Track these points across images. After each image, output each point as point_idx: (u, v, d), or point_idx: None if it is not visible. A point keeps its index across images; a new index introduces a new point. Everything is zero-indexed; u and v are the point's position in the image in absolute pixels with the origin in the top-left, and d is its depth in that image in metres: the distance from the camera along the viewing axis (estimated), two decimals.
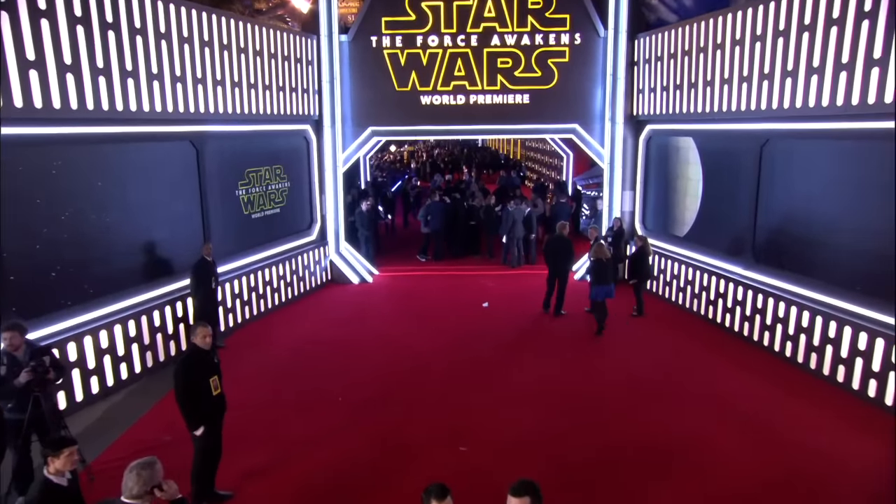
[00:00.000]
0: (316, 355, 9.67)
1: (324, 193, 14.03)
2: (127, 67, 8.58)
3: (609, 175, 14.16)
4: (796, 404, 7.94)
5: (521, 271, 15.09)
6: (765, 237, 10.08)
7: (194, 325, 5.95)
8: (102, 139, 8.31)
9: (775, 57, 9.48)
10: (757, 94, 9.97)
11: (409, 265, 15.69)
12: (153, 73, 9.05)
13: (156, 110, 9.17)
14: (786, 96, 9.33)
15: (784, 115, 9.38)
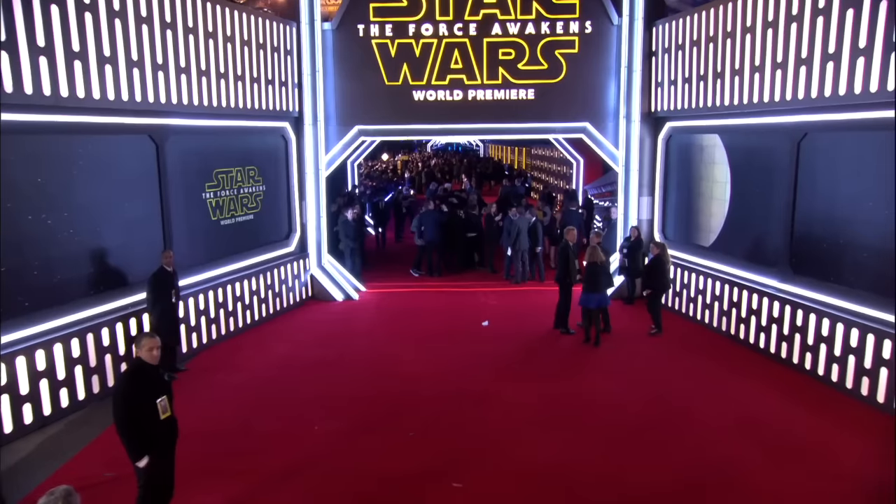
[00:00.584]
0: (291, 380, 9.45)
1: (304, 200, 13.85)
2: (74, 48, 8.25)
3: (624, 179, 14.00)
4: (849, 436, 7.64)
5: (526, 287, 14.98)
6: (804, 245, 9.84)
7: (139, 335, 5.56)
8: (44, 129, 8.01)
9: (814, 39, 9.21)
10: (793, 82, 9.68)
11: (400, 281, 15.63)
12: (105, 55, 8.74)
13: (108, 98, 8.85)
14: (827, 83, 9.03)
15: (825, 105, 9.13)
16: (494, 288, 14.93)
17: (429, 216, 15.93)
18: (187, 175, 10.71)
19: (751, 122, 10.82)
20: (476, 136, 14.73)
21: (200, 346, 10.90)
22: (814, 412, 8.36)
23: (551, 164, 31.23)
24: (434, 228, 15.81)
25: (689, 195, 12.82)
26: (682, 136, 13.02)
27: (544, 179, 31.82)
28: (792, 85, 9.74)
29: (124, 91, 9.22)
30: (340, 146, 14.06)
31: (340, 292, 14.13)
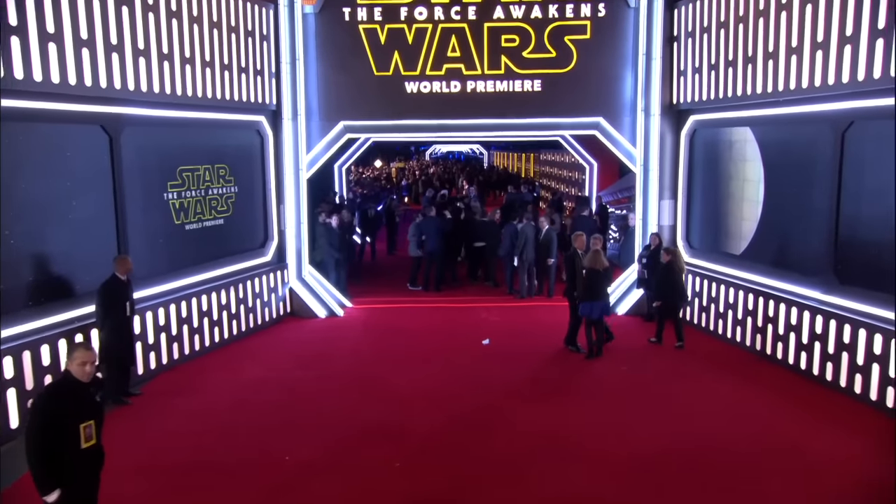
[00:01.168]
0: (262, 405, 9.22)
1: (283, 204, 13.69)
2: (11, 22, 7.95)
3: (642, 181, 13.85)
4: None
5: (533, 303, 14.96)
6: (850, 250, 9.58)
7: (72, 346, 5.18)
8: None
9: (860, 13, 8.91)
10: (836, 63, 9.40)
11: (390, 295, 15.60)
12: (48, 32, 8.43)
13: (52, 81, 8.53)
14: (876, 63, 8.69)
15: (873, 89, 8.81)
16: (496, 303, 14.87)
17: (430, 224, 15.84)
18: (147, 172, 10.43)
19: (787, 111, 10.63)
20: (475, 134, 14.37)
21: (159, 367, 10.58)
22: (863, 440, 7.96)
23: (562, 169, 31.36)
24: (436, 238, 15.74)
25: (717, 197, 12.68)
26: (708, 131, 12.87)
27: (554, 187, 31.91)
28: (835, 67, 9.46)
29: (71, 74, 8.88)
30: (324, 144, 13.88)
31: (323, 308, 13.99)
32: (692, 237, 13.55)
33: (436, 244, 15.76)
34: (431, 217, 16.02)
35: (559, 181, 31.78)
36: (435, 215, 16.17)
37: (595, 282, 10.68)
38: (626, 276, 14.08)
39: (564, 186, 30.28)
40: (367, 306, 14.66)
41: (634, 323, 13.15)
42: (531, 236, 14.89)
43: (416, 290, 15.98)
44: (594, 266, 10.70)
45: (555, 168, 33.03)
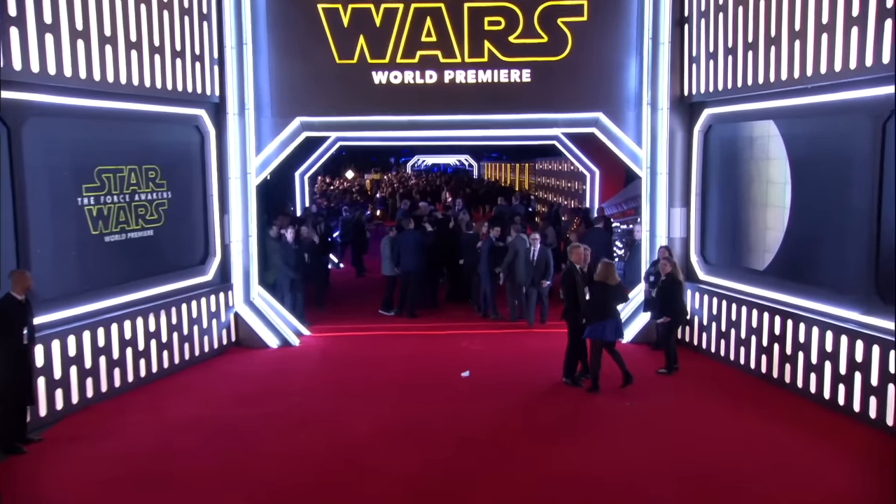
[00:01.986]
0: (191, 449, 9.05)
1: (227, 214, 13.55)
2: None
3: (649, 186, 13.80)
4: None
5: (523, 329, 14.91)
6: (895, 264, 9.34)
7: None
8: None
9: None
10: (874, 41, 9.20)
11: (357, 321, 15.59)
12: None
13: None
14: None
15: None
16: (480, 329, 14.82)
17: (407, 238, 15.83)
18: (56, 172, 10.11)
19: (817, 100, 10.49)
20: (454, 132, 14.73)
21: (68, 407, 10.16)
22: None
23: (559, 179, 31.66)
24: (415, 254, 15.77)
25: (736, 203, 12.65)
26: (725, 127, 12.83)
27: (552, 200, 32.07)
28: (873, 46, 9.25)
29: None
30: (277, 144, 13.78)
31: (275, 336, 13.85)
32: (708, 251, 13.44)
33: (414, 262, 15.72)
34: (409, 231, 16.02)
35: (557, 193, 32.01)
36: (413, 228, 16.19)
37: (606, 298, 10.71)
38: (631, 297, 13.95)
39: (563, 198, 30.45)
40: (328, 334, 14.58)
41: (641, 351, 13.05)
42: (522, 252, 14.82)
43: (388, 315, 16.00)
44: (605, 280, 10.73)
45: (552, 178, 33.41)
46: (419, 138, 22.64)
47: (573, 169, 26.89)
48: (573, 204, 26.97)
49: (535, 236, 14.84)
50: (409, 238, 15.87)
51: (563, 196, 30.52)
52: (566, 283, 11.26)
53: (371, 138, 21.27)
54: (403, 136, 16.31)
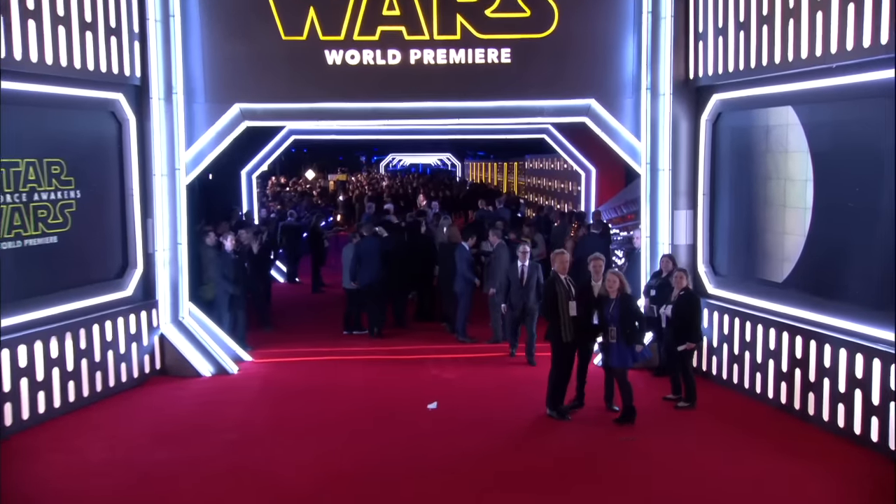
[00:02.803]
0: (92, 500, 8.97)
1: (151, 218, 13.52)
2: None
3: (649, 185, 13.83)
4: None
5: (504, 354, 14.92)
6: None
7: None
8: None
9: None
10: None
11: (309, 344, 15.62)
12: None
13: None
14: None
15: None
16: (453, 354, 14.87)
17: (369, 246, 16.01)
18: None
19: (844, 81, 10.52)
20: (422, 122, 15.24)
21: None
22: None
23: (552, 180, 32.52)
24: (376, 264, 15.91)
25: (750, 204, 12.75)
26: (736, 115, 12.93)
27: (543, 204, 32.38)
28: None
29: None
30: (212, 135, 13.77)
31: (209, 363, 13.77)
32: (718, 260, 13.49)
33: (374, 273, 15.85)
34: (370, 237, 16.18)
35: (549, 195, 32.62)
36: (374, 235, 16.38)
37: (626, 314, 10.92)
38: None
39: (557, 202, 30.80)
40: (274, 360, 14.63)
41: (641, 378, 12.90)
42: (505, 260, 14.95)
43: (361, 334, 16.22)
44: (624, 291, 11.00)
45: (543, 179, 34.22)
46: (387, 131, 22.85)
47: (567, 168, 27.26)
48: (567, 207, 27.21)
49: (523, 249, 14.41)
50: (369, 245, 15.99)
51: (557, 199, 31.02)
52: (547, 295, 11.33)
53: (325, 131, 21.67)
54: (363, 127, 16.52)
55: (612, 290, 11.02)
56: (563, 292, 11.06)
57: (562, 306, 11.05)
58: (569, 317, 11.06)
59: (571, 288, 11.20)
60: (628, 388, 10.98)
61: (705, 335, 12.88)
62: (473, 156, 69.45)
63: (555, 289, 11.15)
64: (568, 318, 11.05)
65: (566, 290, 11.11)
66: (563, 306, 11.04)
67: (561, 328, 11.06)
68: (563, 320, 11.04)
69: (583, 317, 11.12)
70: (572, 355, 11.27)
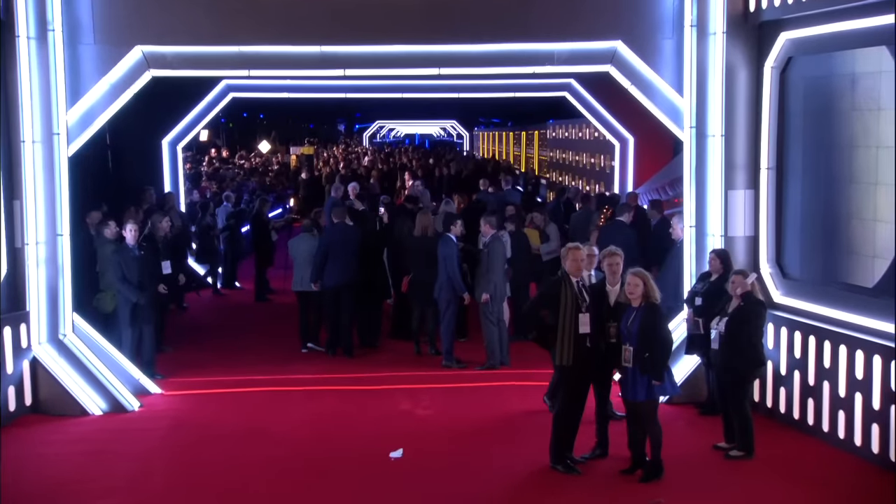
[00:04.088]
0: None
1: (21, 200, 13.49)
2: None
3: (695, 157, 13.87)
4: None
5: (496, 381, 15.11)
6: None
7: None
8: None
9: None
10: None
11: (245, 369, 15.79)
12: None
13: None
14: None
15: None
16: (432, 383, 15.03)
17: (338, 237, 16.39)
18: None
19: None
20: (391, 74, 15.87)
21: None
22: None
23: (579, 153, 32.63)
24: (347, 260, 16.23)
25: (831, 181, 12.94)
26: (812, 60, 12.96)
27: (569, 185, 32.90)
28: None
29: None
30: (106, 90, 13.77)
31: (100, 397, 13.68)
32: (787, 258, 13.49)
33: (345, 272, 16.13)
34: (340, 224, 16.54)
35: (577, 174, 32.89)
36: (344, 221, 16.73)
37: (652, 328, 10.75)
38: (675, 326, 13.86)
39: (586, 182, 31.21)
40: (193, 392, 14.70)
41: (682, 417, 13.23)
42: (501, 256, 15.38)
43: (317, 351, 16.60)
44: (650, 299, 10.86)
45: (569, 152, 34.36)
46: (367, 88, 23.62)
47: (598, 137, 27.73)
48: (597, 189, 27.72)
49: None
50: (341, 236, 16.25)
51: (587, 179, 31.45)
52: (541, 299, 11.47)
53: (279, 86, 22.17)
54: (314, 81, 16.30)
55: (633, 297, 10.89)
56: (571, 300, 10.82)
57: (566, 318, 10.89)
58: (575, 333, 10.90)
59: (585, 296, 11.01)
60: (656, 431, 10.87)
61: (770, 360, 12.74)
62: (487, 124, 69.91)
63: (558, 293, 10.97)
64: (571, 335, 10.91)
65: (576, 298, 10.87)
66: (569, 319, 10.89)
67: (560, 347, 10.92)
68: (565, 337, 10.88)
69: (595, 333, 10.97)
70: (582, 387, 11.14)
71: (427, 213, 17.76)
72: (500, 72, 14.53)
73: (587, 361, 11.04)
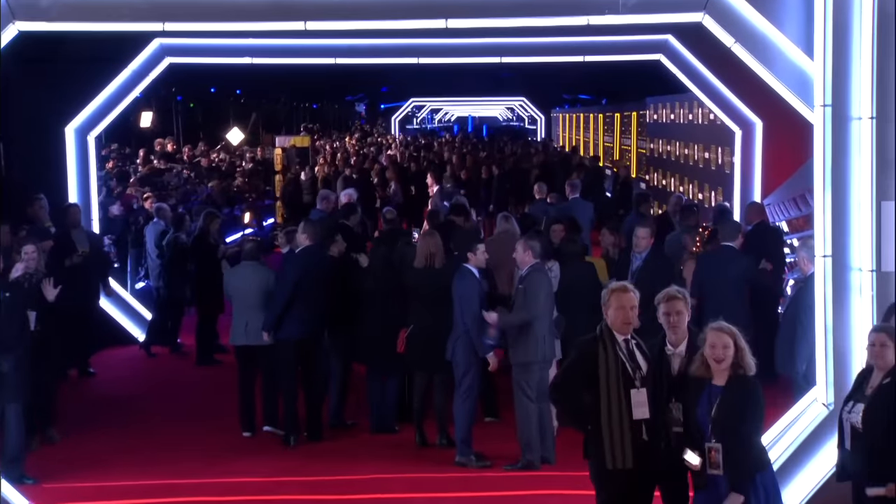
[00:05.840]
0: None
1: None
2: None
3: (831, 151, 13.61)
4: None
5: (531, 488, 14.92)
6: None
7: None
8: None
9: None
10: None
11: (160, 470, 15.71)
12: None
13: None
14: None
15: None
16: (438, 492, 14.94)
17: (308, 262, 16.80)
18: None
19: None
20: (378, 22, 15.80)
21: None
22: None
23: (688, 144, 33.12)
24: (316, 301, 16.66)
25: None
26: None
27: (677, 191, 33.47)
28: None
29: None
30: None
31: None
32: None
33: (316, 319, 16.65)
34: (308, 250, 16.88)
35: (684, 173, 33.40)
36: (318, 244, 17.13)
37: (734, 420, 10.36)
38: (798, 413, 14.15)
39: (696, 186, 31.76)
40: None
41: None
42: (542, 294, 15.26)
43: (272, 432, 16.98)
44: (741, 369, 10.43)
45: (674, 142, 34.72)
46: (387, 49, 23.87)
47: (714, 122, 28.10)
48: (705, 195, 28.26)
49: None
50: (314, 264, 16.63)
51: (698, 182, 31.92)
52: (572, 370, 11.02)
53: (222, 49, 22.71)
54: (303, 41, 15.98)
55: (715, 366, 10.42)
56: (617, 371, 10.42)
57: (610, 398, 10.50)
58: (626, 420, 10.48)
59: (640, 361, 10.61)
60: None
61: None
62: (572, 102, 69.76)
63: (594, 361, 10.52)
64: (622, 424, 10.49)
65: (625, 366, 10.46)
66: (615, 399, 10.48)
67: (605, 443, 10.51)
68: (613, 426, 10.46)
69: (653, 419, 10.59)
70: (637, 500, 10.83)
71: (432, 235, 17.57)
72: (528, 24, 14.07)
73: (647, 462, 10.57)
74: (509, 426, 15.85)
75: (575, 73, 44.45)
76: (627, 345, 10.64)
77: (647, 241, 17.73)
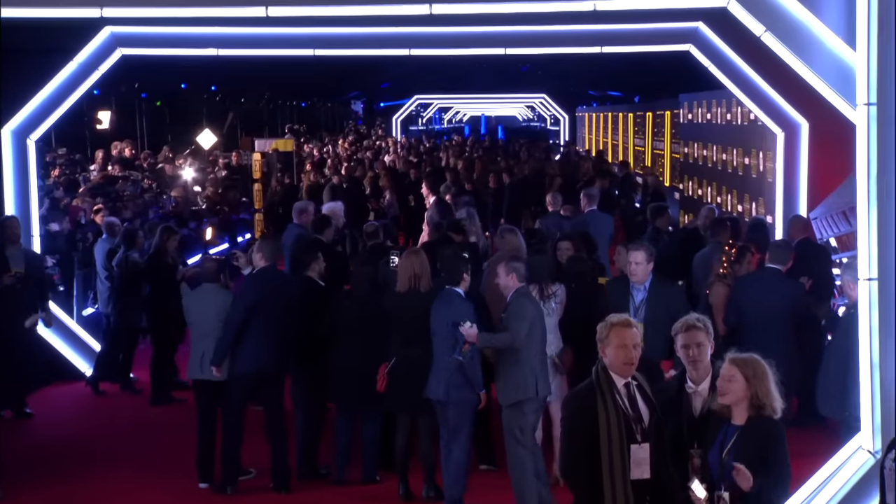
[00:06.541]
0: None
1: None
2: None
3: (874, 152, 13.75)
4: None
5: None
6: None
7: None
8: None
9: None
10: None
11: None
12: None
13: None
14: None
15: None
16: None
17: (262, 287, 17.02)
18: None
19: None
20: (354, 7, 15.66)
21: None
22: None
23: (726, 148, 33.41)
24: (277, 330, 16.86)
25: None
26: None
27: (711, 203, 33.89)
28: None
29: None
30: None
31: None
32: None
33: (270, 350, 16.71)
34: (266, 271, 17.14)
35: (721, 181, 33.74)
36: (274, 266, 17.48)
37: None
38: (841, 462, 14.11)
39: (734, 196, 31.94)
40: None
41: None
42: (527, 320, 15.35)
43: (247, 478, 17.13)
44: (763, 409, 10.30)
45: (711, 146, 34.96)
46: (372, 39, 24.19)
47: (755, 120, 28.01)
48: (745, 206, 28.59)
49: None
50: (271, 288, 16.75)
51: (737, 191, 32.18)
52: (576, 427, 10.63)
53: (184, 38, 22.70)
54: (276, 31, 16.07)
55: (732, 404, 10.27)
56: (618, 423, 10.25)
57: (611, 455, 10.27)
58: (624, 476, 10.30)
59: (641, 410, 10.47)
60: None
61: None
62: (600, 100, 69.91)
63: (593, 415, 10.33)
64: (622, 484, 10.31)
65: (626, 417, 10.33)
66: (616, 455, 10.26)
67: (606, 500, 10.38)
68: (616, 485, 10.24)
69: (657, 471, 10.48)
70: None
71: (416, 254, 17.56)
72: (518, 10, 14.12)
73: None
74: (507, 475, 15.66)
75: (600, 67, 44.60)
76: (628, 389, 10.47)
77: (644, 267, 17.30)
